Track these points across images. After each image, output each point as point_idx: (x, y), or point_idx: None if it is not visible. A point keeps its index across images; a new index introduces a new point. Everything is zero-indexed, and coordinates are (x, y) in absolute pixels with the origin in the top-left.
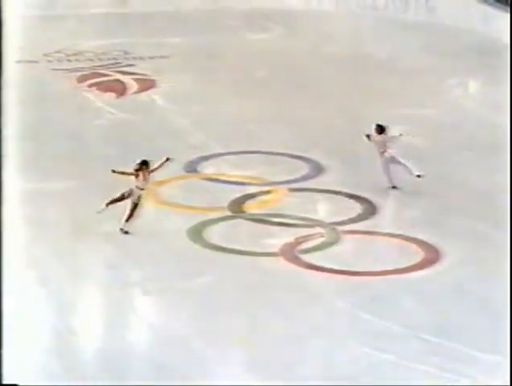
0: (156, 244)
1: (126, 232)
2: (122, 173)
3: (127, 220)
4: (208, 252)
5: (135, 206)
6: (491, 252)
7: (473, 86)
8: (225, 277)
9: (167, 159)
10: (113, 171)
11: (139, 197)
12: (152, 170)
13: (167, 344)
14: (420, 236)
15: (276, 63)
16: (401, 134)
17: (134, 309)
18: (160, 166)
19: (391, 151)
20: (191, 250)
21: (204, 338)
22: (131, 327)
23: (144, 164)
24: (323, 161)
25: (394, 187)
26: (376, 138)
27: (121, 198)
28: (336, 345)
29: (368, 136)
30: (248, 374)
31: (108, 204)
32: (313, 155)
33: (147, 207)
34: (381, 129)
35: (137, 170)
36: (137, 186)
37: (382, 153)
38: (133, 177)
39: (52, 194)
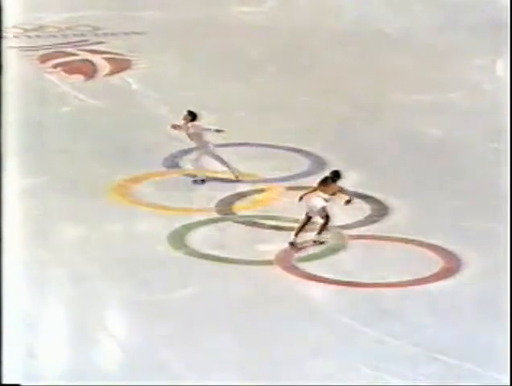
0: (131, 251)
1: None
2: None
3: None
4: (191, 259)
5: (327, 218)
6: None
7: (500, 67)
8: (210, 289)
9: None
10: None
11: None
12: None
13: (141, 368)
14: (438, 242)
15: (270, 42)
16: (218, 130)
17: (104, 325)
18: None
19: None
20: (172, 258)
21: (184, 361)
22: (100, 347)
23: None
24: (325, 155)
25: (202, 181)
26: (189, 128)
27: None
28: (340, 367)
29: (175, 126)
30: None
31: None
32: (314, 148)
33: (121, 208)
34: (193, 117)
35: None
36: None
37: (204, 145)
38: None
39: (16, 192)
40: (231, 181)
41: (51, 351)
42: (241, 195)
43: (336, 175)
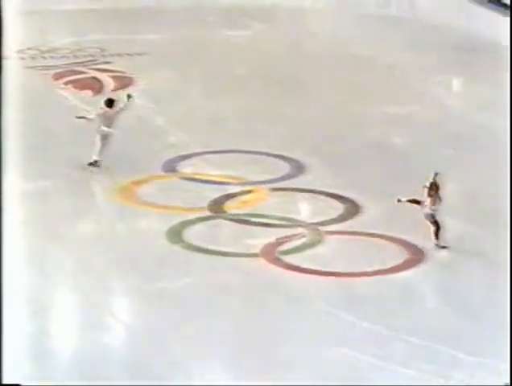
0: (134, 245)
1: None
2: (412, 201)
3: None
4: (187, 253)
5: (436, 223)
6: (475, 250)
7: (456, 84)
8: (204, 278)
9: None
10: (399, 201)
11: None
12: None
13: (145, 345)
14: (405, 236)
15: (257, 61)
16: (129, 95)
17: (111, 311)
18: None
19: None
20: (170, 251)
21: (182, 340)
22: (108, 329)
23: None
24: (304, 160)
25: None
26: (107, 113)
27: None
28: (319, 347)
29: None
30: (228, 375)
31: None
32: (295, 154)
33: (125, 208)
34: (110, 103)
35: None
36: (431, 209)
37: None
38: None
39: (27, 194)
40: (222, 183)
41: (64, 333)
42: (231, 196)
43: (434, 185)
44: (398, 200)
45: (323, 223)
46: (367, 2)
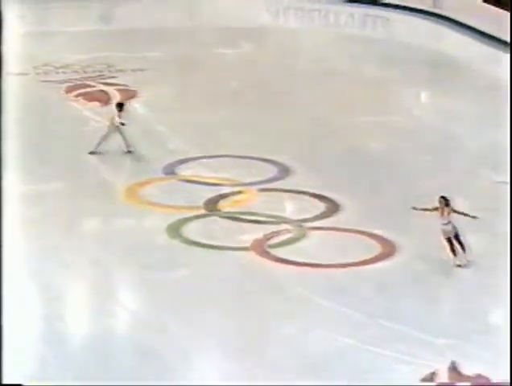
0: (139, 240)
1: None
2: (425, 210)
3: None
4: (185, 246)
5: (450, 240)
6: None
7: (425, 96)
8: (200, 269)
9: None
10: (414, 208)
11: (446, 232)
12: (454, 210)
13: (147, 328)
14: (379, 232)
15: (247, 76)
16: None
17: (117, 298)
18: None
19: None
20: (170, 245)
21: (179, 322)
22: (114, 314)
23: (444, 200)
24: (290, 164)
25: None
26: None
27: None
28: (303, 330)
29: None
30: (222, 355)
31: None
32: (281, 159)
33: (129, 207)
34: (120, 106)
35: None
36: (442, 223)
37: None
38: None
39: (46, 194)
40: (216, 184)
41: (74, 319)
42: (224, 196)
43: (446, 200)
44: (414, 208)
45: (306, 220)
46: (345, 24)
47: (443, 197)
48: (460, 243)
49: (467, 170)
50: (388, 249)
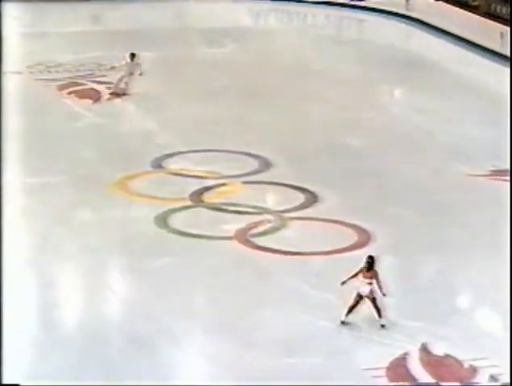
0: (127, 230)
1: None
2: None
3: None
4: (172, 236)
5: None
6: (414, 234)
7: (399, 93)
8: (186, 256)
9: None
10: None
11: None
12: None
13: (133, 315)
14: (356, 222)
15: (231, 74)
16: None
17: (107, 284)
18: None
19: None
20: (158, 234)
21: (166, 307)
22: (104, 300)
23: (369, 262)
24: (271, 157)
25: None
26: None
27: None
28: (284, 314)
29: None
30: (209, 337)
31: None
32: (263, 153)
33: (119, 198)
34: (133, 56)
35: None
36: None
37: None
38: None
39: (40, 187)
40: (201, 177)
41: (68, 303)
42: (208, 188)
43: (372, 261)
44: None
45: (286, 211)
46: (323, 25)
47: (370, 257)
48: (377, 307)
49: (439, 163)
50: (364, 238)
